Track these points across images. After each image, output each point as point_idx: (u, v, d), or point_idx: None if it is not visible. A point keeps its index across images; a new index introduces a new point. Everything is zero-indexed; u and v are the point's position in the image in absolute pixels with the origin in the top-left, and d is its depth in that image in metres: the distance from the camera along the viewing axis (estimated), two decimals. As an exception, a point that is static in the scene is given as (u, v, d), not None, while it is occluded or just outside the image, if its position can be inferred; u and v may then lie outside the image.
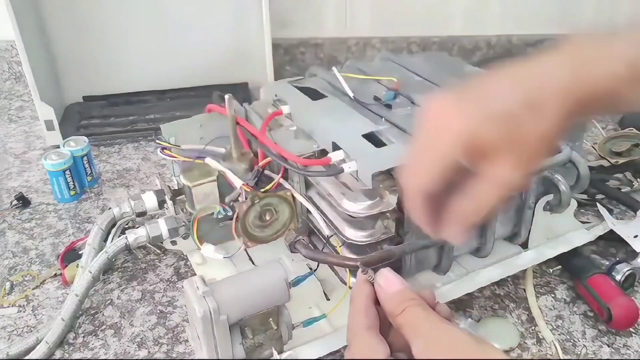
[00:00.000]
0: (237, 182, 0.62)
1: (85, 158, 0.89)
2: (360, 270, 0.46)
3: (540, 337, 0.62)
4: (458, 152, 0.37)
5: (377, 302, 0.45)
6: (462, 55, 1.28)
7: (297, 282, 0.58)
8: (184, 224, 0.69)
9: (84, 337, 0.64)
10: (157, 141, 0.68)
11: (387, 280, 0.44)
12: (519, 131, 0.37)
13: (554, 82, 0.37)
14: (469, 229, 0.40)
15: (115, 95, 1.18)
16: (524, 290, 0.68)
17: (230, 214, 0.65)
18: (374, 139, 0.59)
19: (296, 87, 0.72)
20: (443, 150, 0.38)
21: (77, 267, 0.68)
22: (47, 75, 1.08)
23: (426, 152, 0.39)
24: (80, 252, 0.72)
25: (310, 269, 0.62)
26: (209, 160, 0.65)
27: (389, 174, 0.55)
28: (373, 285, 0.45)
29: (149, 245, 0.72)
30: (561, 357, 0.59)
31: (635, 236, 0.70)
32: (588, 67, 0.36)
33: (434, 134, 0.38)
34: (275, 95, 0.72)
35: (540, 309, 0.65)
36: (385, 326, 0.44)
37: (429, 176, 0.39)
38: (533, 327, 0.63)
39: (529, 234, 0.66)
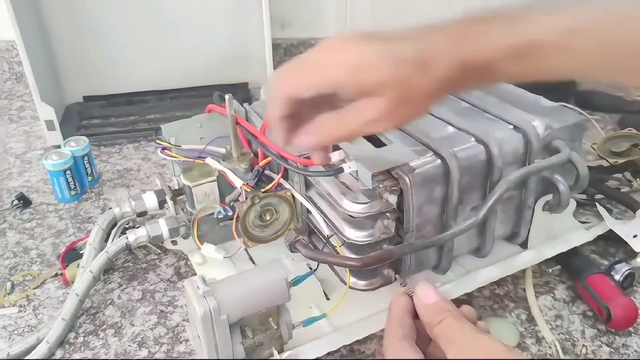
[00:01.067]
0: (238, 182, 0.62)
1: (85, 158, 0.89)
2: (400, 283, 0.46)
3: (540, 336, 0.62)
4: (346, 80, 0.40)
5: (416, 315, 0.45)
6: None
7: (297, 281, 0.58)
8: (184, 223, 0.69)
9: (84, 336, 0.64)
10: (158, 141, 0.68)
11: (425, 292, 0.46)
12: (407, 84, 0.40)
13: (442, 48, 0.41)
14: (321, 147, 0.46)
15: (116, 95, 1.19)
16: (524, 290, 0.68)
17: (230, 214, 0.65)
18: (374, 139, 0.59)
19: (296, 87, 0.72)
20: (333, 74, 0.41)
21: (77, 267, 0.69)
22: (47, 75, 1.08)
23: (316, 69, 0.42)
24: (80, 252, 0.72)
25: (310, 268, 0.62)
26: (209, 160, 0.65)
27: (389, 174, 0.55)
28: (412, 298, 0.45)
29: (150, 245, 0.73)
30: (561, 357, 0.59)
31: (635, 236, 0.70)
32: (471, 40, 0.41)
33: (329, 57, 0.41)
34: (276, 96, 0.72)
35: (539, 308, 0.65)
36: (424, 339, 0.45)
37: (307, 89, 0.42)
38: (533, 327, 0.63)
39: (528, 233, 0.66)
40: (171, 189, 0.71)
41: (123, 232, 0.71)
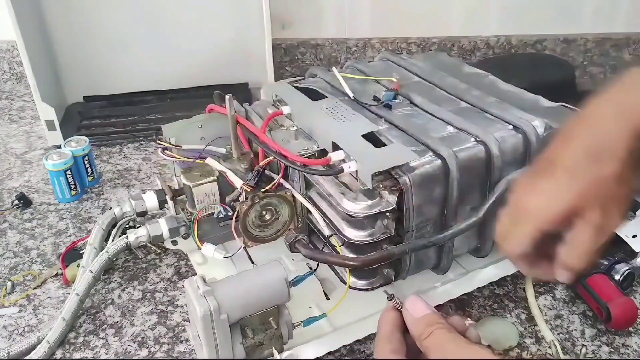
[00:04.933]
0: (238, 182, 0.62)
1: (86, 158, 0.89)
2: (387, 297, 0.47)
3: (540, 336, 0.62)
4: (547, 225, 0.42)
5: (405, 330, 0.46)
6: (461, 55, 1.29)
7: (297, 281, 0.58)
8: (184, 223, 0.69)
9: (84, 336, 0.64)
10: (158, 141, 0.68)
11: (414, 305, 0.46)
12: (596, 189, 0.41)
13: (608, 131, 0.41)
14: (576, 272, 0.44)
15: (116, 95, 1.19)
16: (523, 289, 0.68)
17: (230, 214, 0.65)
18: (373, 139, 0.59)
19: (296, 87, 0.72)
20: (531, 227, 0.42)
21: (78, 266, 0.69)
22: (48, 75, 1.09)
23: (517, 227, 0.44)
24: (81, 252, 0.72)
25: (310, 268, 0.62)
26: (209, 161, 0.65)
27: (389, 174, 0.56)
28: (400, 312, 0.46)
29: (150, 244, 0.73)
30: (560, 357, 0.59)
31: (634, 236, 0.70)
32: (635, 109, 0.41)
33: (523, 213, 0.43)
34: (276, 96, 0.72)
35: (539, 308, 0.65)
36: (413, 353, 0.45)
37: (522, 246, 0.44)
38: (532, 327, 0.63)
39: (528, 233, 0.66)
40: (171, 189, 0.71)
41: (123, 232, 0.71)
